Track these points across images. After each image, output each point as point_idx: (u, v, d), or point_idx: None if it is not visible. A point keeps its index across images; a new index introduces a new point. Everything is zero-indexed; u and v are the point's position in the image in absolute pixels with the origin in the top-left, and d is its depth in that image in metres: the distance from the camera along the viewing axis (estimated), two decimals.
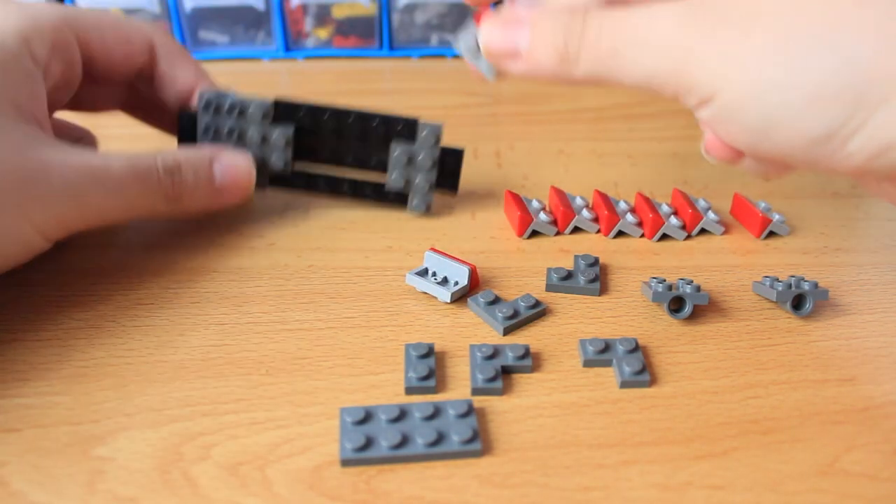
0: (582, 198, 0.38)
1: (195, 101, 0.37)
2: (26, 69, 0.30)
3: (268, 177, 0.37)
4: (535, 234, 0.37)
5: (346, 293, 0.32)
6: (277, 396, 0.26)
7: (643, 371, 0.27)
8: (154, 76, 0.37)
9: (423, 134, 0.36)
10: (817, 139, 0.24)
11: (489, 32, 0.29)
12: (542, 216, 0.36)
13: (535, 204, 0.38)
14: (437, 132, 0.36)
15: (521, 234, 0.36)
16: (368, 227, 0.37)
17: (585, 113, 0.52)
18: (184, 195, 0.33)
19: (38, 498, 0.22)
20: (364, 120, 0.36)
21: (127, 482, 0.23)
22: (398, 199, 0.38)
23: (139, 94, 0.39)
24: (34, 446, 0.24)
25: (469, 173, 0.42)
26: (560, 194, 0.38)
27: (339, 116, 0.36)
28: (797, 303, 0.31)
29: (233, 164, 0.34)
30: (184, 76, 0.37)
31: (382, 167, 0.37)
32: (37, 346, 0.28)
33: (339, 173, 0.38)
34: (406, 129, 0.36)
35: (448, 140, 0.38)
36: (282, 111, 0.36)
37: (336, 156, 0.37)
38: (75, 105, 0.37)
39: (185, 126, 0.37)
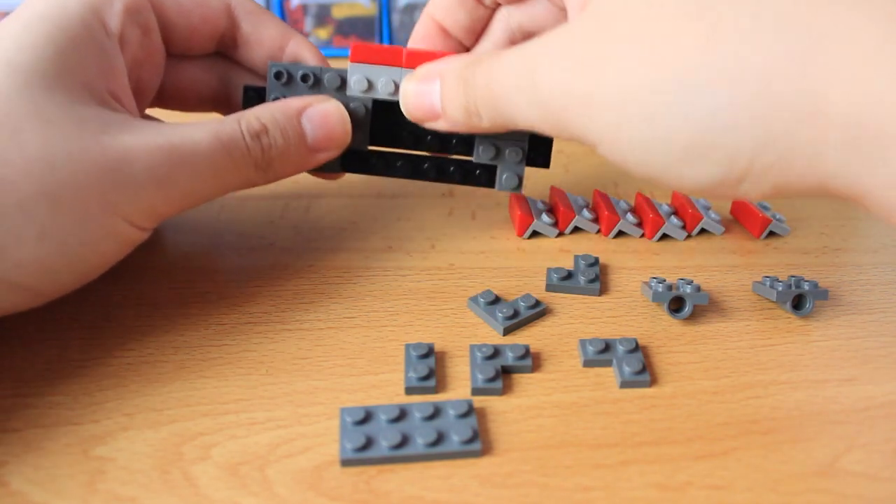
0: (583, 198, 0.38)
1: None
2: (96, 40, 0.27)
3: (341, 159, 0.33)
4: (535, 234, 0.36)
5: (346, 293, 0.32)
6: (277, 396, 0.26)
7: (643, 371, 0.27)
8: (237, 40, 0.33)
9: None
10: (702, 189, 0.23)
11: (407, 93, 0.29)
12: (545, 217, 0.36)
13: (539, 205, 0.38)
14: None
15: (521, 234, 0.36)
16: (368, 227, 0.37)
17: None
18: (274, 160, 0.30)
19: (38, 498, 0.22)
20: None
21: (127, 482, 0.23)
22: (486, 177, 0.34)
23: (230, 83, 0.35)
24: (34, 446, 0.24)
25: None
26: (560, 194, 0.38)
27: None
28: (797, 303, 0.31)
29: (324, 115, 0.31)
30: (270, 35, 0.33)
31: (465, 149, 0.34)
32: (37, 346, 0.28)
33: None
34: None
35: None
36: (310, 80, 0.32)
37: (415, 137, 0.34)
38: (162, 98, 0.34)
39: (250, 101, 0.33)
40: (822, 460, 0.24)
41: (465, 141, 0.33)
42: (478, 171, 0.34)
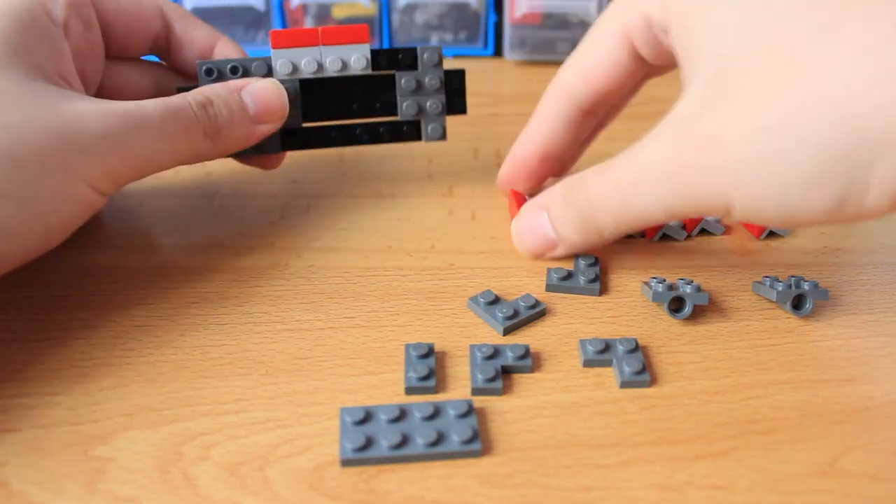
0: None
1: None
2: (43, 26, 0.29)
3: (280, 139, 0.37)
4: None
5: (346, 293, 0.32)
6: (277, 396, 0.26)
7: (643, 371, 0.27)
8: (170, 43, 0.36)
9: (424, 57, 0.36)
10: (830, 214, 0.24)
11: (519, 233, 0.33)
12: None
13: None
14: (437, 52, 0.37)
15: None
16: (368, 227, 0.37)
17: None
18: (221, 129, 0.32)
19: (38, 498, 0.22)
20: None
21: (127, 482, 0.23)
22: (412, 131, 0.38)
23: (164, 86, 0.37)
24: (34, 446, 0.24)
25: (469, 173, 0.43)
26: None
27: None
28: (797, 303, 0.31)
29: (261, 89, 0.33)
30: (201, 36, 0.36)
31: (389, 110, 0.37)
32: (37, 346, 0.28)
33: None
34: (407, 57, 0.37)
35: (448, 138, 0.38)
36: (237, 72, 0.35)
37: (342, 107, 0.37)
38: (102, 96, 0.36)
39: None
40: (822, 460, 0.24)
41: (389, 103, 0.37)
42: (405, 128, 0.38)
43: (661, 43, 0.30)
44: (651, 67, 0.33)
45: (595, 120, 0.36)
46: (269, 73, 0.35)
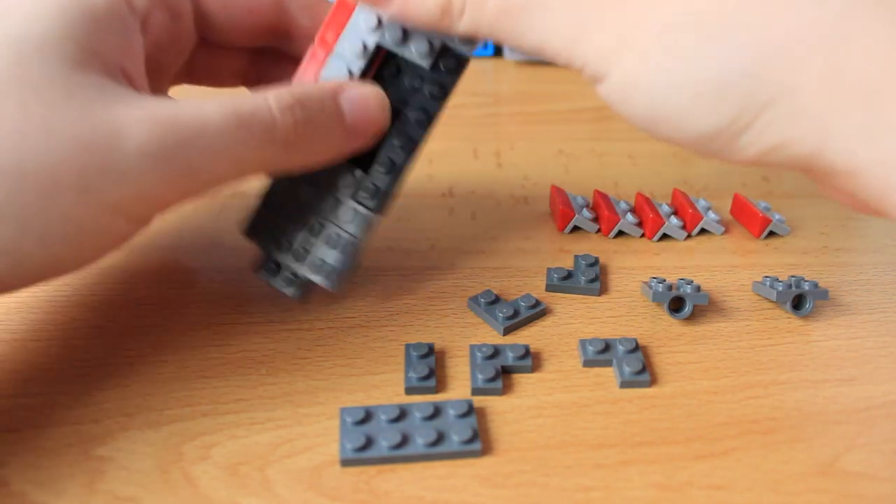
0: (582, 197, 0.38)
1: None
2: (116, 16, 0.25)
3: None
4: (535, 233, 0.36)
5: (346, 293, 0.32)
6: (277, 396, 0.26)
7: (643, 371, 0.27)
8: (292, 35, 0.30)
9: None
10: (704, 135, 0.23)
11: None
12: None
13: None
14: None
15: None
16: None
17: (585, 113, 0.52)
18: (311, 138, 0.26)
19: (38, 498, 0.22)
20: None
21: (127, 482, 0.23)
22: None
23: (264, 62, 0.32)
24: (34, 446, 0.24)
25: (469, 173, 0.43)
26: (561, 193, 0.38)
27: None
28: (797, 303, 0.31)
29: (363, 97, 0.27)
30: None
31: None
32: (37, 346, 0.28)
33: None
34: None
35: (448, 138, 0.38)
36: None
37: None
38: (190, 76, 0.31)
39: None
40: (822, 460, 0.24)
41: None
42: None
43: None
44: None
45: None
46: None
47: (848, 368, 0.28)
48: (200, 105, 0.24)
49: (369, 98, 0.27)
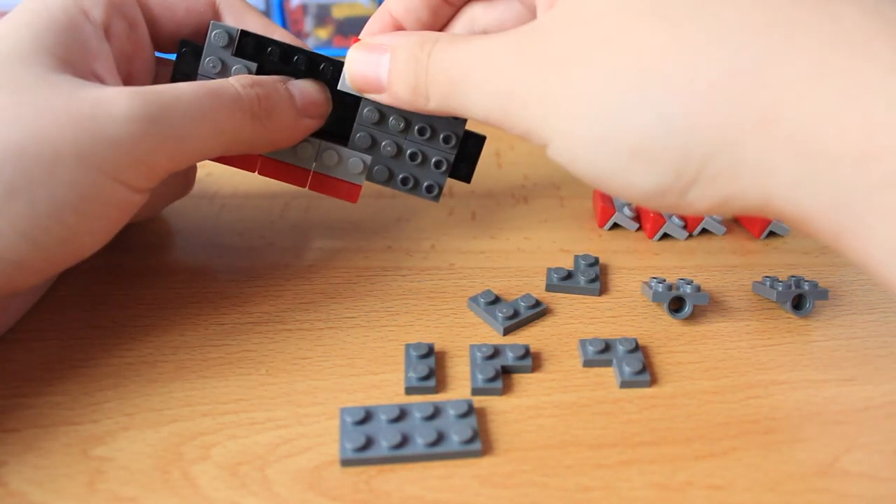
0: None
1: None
2: (77, 25, 0.27)
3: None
4: (535, 233, 0.36)
5: (346, 293, 0.32)
6: (277, 396, 0.26)
7: (643, 371, 0.27)
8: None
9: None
10: (651, 193, 0.22)
11: (354, 60, 0.29)
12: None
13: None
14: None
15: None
16: (368, 227, 0.37)
17: None
18: (272, 111, 0.29)
19: (37, 498, 0.22)
20: (340, 67, 0.31)
21: (127, 482, 0.23)
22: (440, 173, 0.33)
23: None
24: (34, 446, 0.24)
25: None
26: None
27: (312, 61, 0.32)
28: (797, 303, 0.31)
29: (307, 84, 0.31)
30: (254, 28, 0.32)
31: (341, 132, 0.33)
32: (37, 346, 0.28)
33: None
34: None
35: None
36: (248, 46, 0.32)
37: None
38: None
39: (185, 59, 0.31)
40: (822, 460, 0.24)
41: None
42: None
43: None
44: None
45: (452, 10, 0.32)
46: (230, 43, 0.31)
47: (848, 368, 0.28)
48: (173, 84, 0.27)
49: (312, 87, 0.31)
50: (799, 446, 0.25)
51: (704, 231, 0.37)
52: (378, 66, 0.28)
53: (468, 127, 0.33)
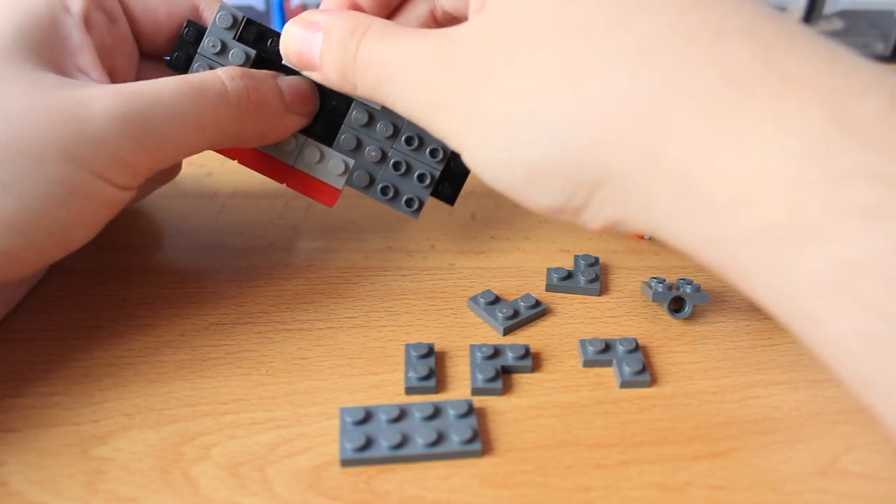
0: None
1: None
2: (58, 18, 0.28)
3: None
4: (535, 233, 0.36)
5: (346, 293, 0.32)
6: (277, 396, 0.26)
7: (643, 371, 0.27)
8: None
9: None
10: (549, 209, 0.23)
11: (289, 36, 0.28)
12: None
13: None
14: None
15: None
16: (368, 227, 0.37)
17: None
18: (260, 104, 0.29)
19: (37, 498, 0.22)
20: None
21: (127, 482, 0.23)
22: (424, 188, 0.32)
23: None
24: (34, 446, 0.24)
25: (469, 173, 0.42)
26: None
27: None
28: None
29: (296, 81, 0.31)
30: None
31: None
32: (37, 346, 0.28)
33: None
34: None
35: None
36: (251, 33, 0.32)
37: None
38: None
39: (187, 39, 0.31)
40: (822, 460, 0.24)
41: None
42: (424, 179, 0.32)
43: None
44: None
45: None
46: (234, 26, 0.31)
47: None
48: (156, 80, 0.27)
49: (301, 83, 0.31)
50: (799, 446, 0.25)
51: None
52: (312, 46, 0.28)
53: None
